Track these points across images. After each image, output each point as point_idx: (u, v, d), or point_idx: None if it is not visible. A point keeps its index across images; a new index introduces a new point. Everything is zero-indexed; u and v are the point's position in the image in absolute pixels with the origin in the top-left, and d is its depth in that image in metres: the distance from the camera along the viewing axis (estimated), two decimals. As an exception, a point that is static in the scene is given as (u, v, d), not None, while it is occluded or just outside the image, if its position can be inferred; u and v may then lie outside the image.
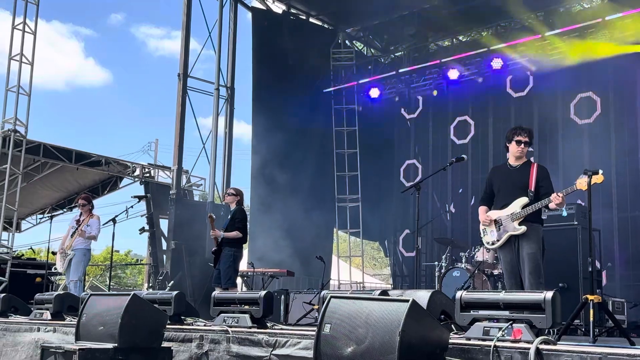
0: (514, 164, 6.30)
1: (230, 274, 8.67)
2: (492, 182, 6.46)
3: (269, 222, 14.15)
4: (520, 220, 6.04)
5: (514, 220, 6.07)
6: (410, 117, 16.02)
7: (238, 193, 9.08)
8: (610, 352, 3.28)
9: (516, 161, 6.29)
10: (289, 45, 15.01)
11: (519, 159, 6.28)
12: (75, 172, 16.28)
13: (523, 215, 6.03)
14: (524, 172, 6.20)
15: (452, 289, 8.76)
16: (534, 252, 5.97)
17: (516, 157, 6.28)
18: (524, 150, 6.23)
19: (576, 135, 12.90)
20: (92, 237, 9.62)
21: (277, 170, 14.38)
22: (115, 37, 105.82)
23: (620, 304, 8.94)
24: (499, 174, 6.46)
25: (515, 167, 6.29)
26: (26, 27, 12.96)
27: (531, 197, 6.04)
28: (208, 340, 5.44)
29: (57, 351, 5.24)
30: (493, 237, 6.24)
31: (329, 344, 3.84)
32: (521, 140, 6.20)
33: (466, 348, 3.83)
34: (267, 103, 14.93)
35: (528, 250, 5.98)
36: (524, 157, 6.29)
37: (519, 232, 6.03)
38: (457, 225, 14.31)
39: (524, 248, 6.00)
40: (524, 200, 6.07)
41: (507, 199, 6.21)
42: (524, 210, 6.03)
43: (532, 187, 6.07)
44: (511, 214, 6.10)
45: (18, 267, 13.00)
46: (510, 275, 6.12)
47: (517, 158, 6.28)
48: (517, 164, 6.28)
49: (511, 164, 6.33)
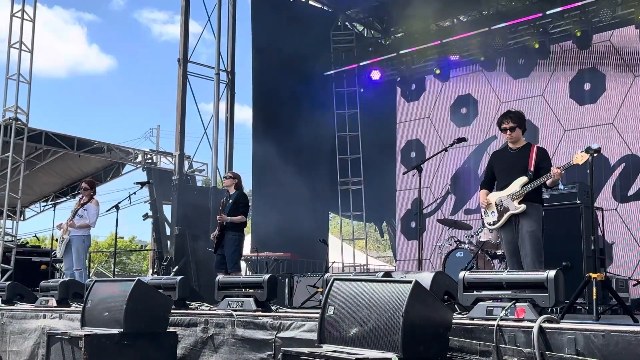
0: (513, 147, 6.33)
1: (236, 258, 8.71)
2: (493, 166, 6.50)
3: (271, 207, 14.16)
4: (520, 199, 6.06)
5: (514, 200, 6.09)
6: (411, 98, 15.96)
7: (236, 176, 9.11)
8: (613, 330, 3.29)
9: (514, 145, 6.32)
10: (288, 28, 14.92)
11: (516, 143, 6.31)
12: (78, 159, 16.31)
13: (523, 194, 6.05)
14: (523, 155, 6.22)
15: (456, 269, 8.76)
16: (533, 229, 6.00)
17: (510, 142, 6.32)
18: (511, 135, 6.24)
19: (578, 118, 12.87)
20: (85, 225, 9.34)
21: (278, 154, 14.36)
22: (119, 22, 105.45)
23: (623, 282, 8.95)
24: (499, 158, 6.50)
25: (515, 150, 6.31)
26: (25, 15, 12.93)
27: (530, 176, 6.06)
28: (213, 324, 5.48)
29: (63, 337, 5.28)
30: (494, 217, 6.27)
31: (333, 326, 3.86)
32: (505, 128, 6.25)
33: (469, 328, 3.84)
34: (267, 87, 14.88)
35: (528, 228, 6.00)
36: (520, 140, 6.30)
37: (518, 210, 6.05)
38: (460, 206, 14.30)
39: (524, 226, 6.03)
40: (523, 180, 6.09)
41: (507, 180, 6.24)
42: (524, 188, 6.05)
43: (531, 167, 6.09)
44: (511, 194, 6.12)
45: (23, 255, 13.07)
46: (512, 255, 6.16)
47: (512, 143, 6.32)
48: (516, 147, 6.31)
49: (511, 147, 6.36)
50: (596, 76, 12.77)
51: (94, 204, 9.55)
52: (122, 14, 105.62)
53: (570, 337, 3.41)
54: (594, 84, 12.75)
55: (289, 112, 14.60)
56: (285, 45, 14.67)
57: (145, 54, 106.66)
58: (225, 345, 5.31)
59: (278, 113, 14.54)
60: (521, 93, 13.81)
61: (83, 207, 9.41)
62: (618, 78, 12.42)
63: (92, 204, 9.51)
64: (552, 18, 13.03)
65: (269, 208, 14.16)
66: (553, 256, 7.39)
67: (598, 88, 12.66)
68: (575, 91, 13.02)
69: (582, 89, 12.96)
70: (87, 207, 9.41)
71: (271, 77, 14.86)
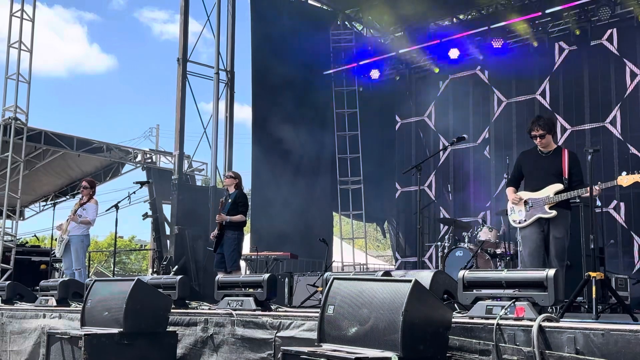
0: (544, 151, 6.39)
1: (235, 258, 8.73)
2: (522, 166, 6.57)
3: (270, 206, 14.15)
4: (552, 205, 6.16)
5: (545, 204, 6.18)
6: (411, 97, 15.96)
7: (237, 176, 9.12)
8: (613, 329, 3.29)
9: (545, 148, 6.38)
10: (288, 27, 14.91)
11: (547, 147, 6.37)
12: (77, 158, 16.31)
13: (556, 201, 6.15)
14: (555, 159, 6.30)
15: (455, 268, 8.77)
16: (561, 237, 6.16)
17: (541, 147, 6.38)
18: (542, 142, 6.33)
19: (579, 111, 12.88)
20: (86, 222, 9.36)
21: (277, 153, 14.35)
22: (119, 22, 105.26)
23: (623, 281, 8.95)
24: (529, 159, 6.54)
25: (546, 153, 6.38)
26: (24, 15, 12.92)
27: (565, 184, 6.17)
28: (213, 324, 5.48)
29: (63, 337, 5.29)
30: (521, 216, 6.35)
31: (332, 325, 3.86)
32: (535, 135, 6.33)
33: (469, 327, 3.84)
34: (267, 86, 14.86)
35: (557, 234, 6.15)
36: (550, 144, 6.37)
37: (549, 215, 6.15)
38: (460, 205, 14.30)
39: (553, 232, 6.17)
40: (558, 187, 6.18)
41: (539, 183, 6.31)
42: (558, 196, 6.15)
43: (565, 174, 6.19)
44: (544, 198, 6.21)
45: (23, 255, 13.08)
46: (534, 254, 6.22)
47: (543, 147, 6.37)
48: (547, 150, 6.38)
49: (542, 150, 6.41)
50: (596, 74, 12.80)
51: (93, 202, 9.56)
52: (123, 13, 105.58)
53: (569, 336, 3.41)
54: (594, 84, 12.78)
55: (289, 111, 14.58)
56: (284, 44, 14.65)
57: (145, 54, 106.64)
58: (225, 345, 5.31)
59: (277, 112, 14.52)
60: (521, 92, 13.82)
61: (82, 206, 9.42)
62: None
63: (92, 203, 9.52)
64: (551, 17, 13.05)
65: (268, 207, 14.15)
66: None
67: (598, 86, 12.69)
68: (576, 90, 13.04)
69: (582, 88, 12.99)
70: (87, 207, 9.43)
71: (271, 76, 14.83)
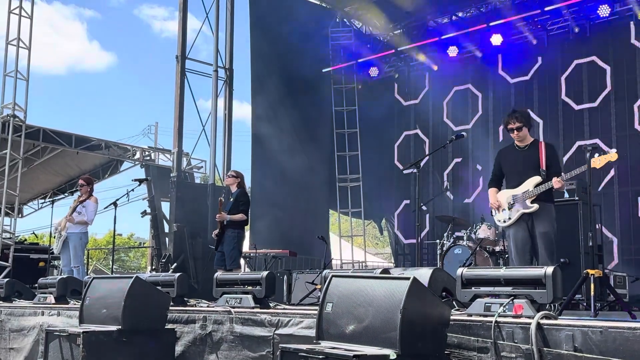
0: (521, 145, 6.33)
1: (235, 256, 8.73)
2: (501, 164, 6.50)
3: (270, 204, 14.16)
4: (533, 199, 6.10)
5: (526, 199, 6.13)
6: (410, 94, 15.96)
7: (239, 175, 9.12)
8: (611, 326, 3.29)
9: (522, 142, 6.32)
10: (287, 25, 14.89)
11: (522, 141, 6.30)
12: (76, 156, 16.27)
13: (535, 194, 6.09)
14: (532, 152, 6.22)
15: (454, 266, 8.77)
16: (547, 231, 6.06)
17: (518, 140, 6.31)
18: (519, 135, 6.24)
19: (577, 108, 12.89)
20: (83, 222, 9.33)
21: (276, 152, 14.35)
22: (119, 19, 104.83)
23: (621, 278, 8.95)
24: (507, 156, 6.49)
25: (523, 147, 6.31)
26: (23, 11, 12.88)
27: (544, 176, 6.09)
28: (211, 321, 5.47)
29: (62, 334, 5.28)
30: (505, 215, 6.30)
31: (331, 323, 3.86)
32: (512, 128, 6.24)
33: (467, 324, 3.85)
34: (266, 84, 14.86)
35: (542, 229, 6.07)
36: (526, 138, 6.30)
37: (531, 210, 6.09)
38: (458, 203, 14.31)
39: (538, 228, 6.09)
40: (536, 180, 6.12)
41: (519, 178, 6.26)
42: (537, 188, 6.09)
43: (543, 166, 6.11)
44: (524, 193, 6.15)
45: (21, 252, 13.06)
46: (520, 253, 6.17)
47: (519, 141, 6.31)
48: (524, 145, 6.31)
49: (518, 145, 6.35)
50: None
51: (93, 201, 9.53)
52: (122, 10, 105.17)
53: (568, 333, 3.41)
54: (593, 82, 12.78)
55: (288, 108, 14.58)
56: (283, 41, 14.64)
57: (146, 51, 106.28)
58: (224, 342, 5.31)
59: (276, 110, 14.52)
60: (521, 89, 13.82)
61: (82, 203, 9.38)
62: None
63: (91, 201, 9.49)
64: (550, 14, 13.05)
65: (268, 205, 14.15)
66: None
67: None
68: (574, 88, 13.04)
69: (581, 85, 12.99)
70: (86, 204, 9.40)
71: (270, 73, 14.83)
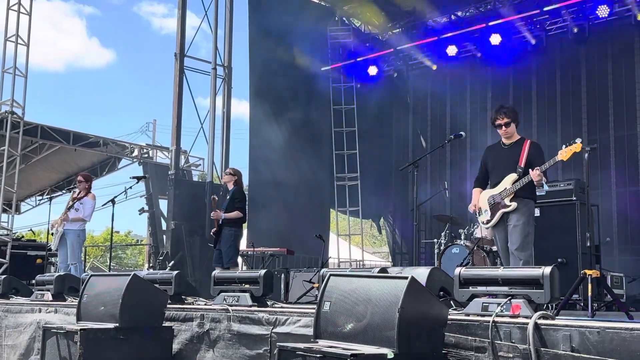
0: (506, 143, 6.25)
1: (231, 254, 8.73)
2: (486, 162, 6.42)
3: (268, 202, 14.15)
4: (512, 197, 5.99)
5: (504, 198, 6.03)
6: (408, 93, 15.96)
7: (236, 173, 9.12)
8: (608, 327, 3.29)
9: (508, 140, 6.24)
10: (286, 23, 14.89)
11: (510, 138, 6.22)
12: (74, 153, 16.25)
13: (513, 191, 5.98)
14: (515, 150, 6.13)
15: (452, 265, 8.76)
16: (517, 224, 5.91)
17: (504, 137, 6.25)
18: (506, 131, 6.17)
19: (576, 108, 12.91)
20: (79, 219, 9.27)
21: (275, 150, 14.34)
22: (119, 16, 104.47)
23: (618, 279, 8.96)
24: (492, 153, 6.41)
25: (507, 145, 6.23)
26: (21, 8, 12.87)
27: (520, 173, 5.98)
28: (209, 319, 5.47)
29: (59, 332, 5.28)
30: (487, 216, 6.21)
31: (328, 322, 3.86)
32: (500, 124, 6.17)
33: (465, 324, 3.85)
34: (264, 82, 14.84)
35: (515, 222, 5.93)
36: (514, 135, 6.22)
37: (510, 208, 5.98)
38: (456, 202, 14.31)
39: (511, 221, 5.97)
40: (513, 177, 6.02)
41: (499, 177, 6.17)
42: (514, 186, 5.98)
43: (522, 163, 6.00)
44: (501, 192, 6.07)
45: (18, 249, 13.04)
46: (505, 253, 6.09)
47: (506, 138, 6.24)
48: (509, 142, 6.22)
49: (504, 142, 6.27)
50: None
51: (91, 198, 9.48)
52: (122, 6, 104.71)
53: (565, 333, 3.41)
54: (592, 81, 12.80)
55: (286, 107, 14.57)
56: (282, 39, 14.63)
57: (145, 48, 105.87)
58: (221, 340, 5.31)
59: (275, 108, 14.51)
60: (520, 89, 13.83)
61: (79, 200, 9.35)
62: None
63: (89, 198, 9.44)
64: (549, 14, 13.06)
65: (265, 203, 14.15)
66: (548, 253, 7.42)
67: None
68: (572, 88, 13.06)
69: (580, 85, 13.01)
70: (84, 201, 9.36)
71: (268, 71, 14.82)
